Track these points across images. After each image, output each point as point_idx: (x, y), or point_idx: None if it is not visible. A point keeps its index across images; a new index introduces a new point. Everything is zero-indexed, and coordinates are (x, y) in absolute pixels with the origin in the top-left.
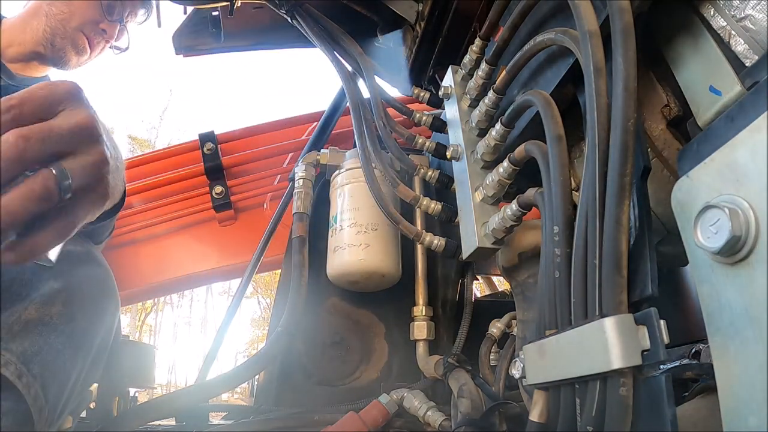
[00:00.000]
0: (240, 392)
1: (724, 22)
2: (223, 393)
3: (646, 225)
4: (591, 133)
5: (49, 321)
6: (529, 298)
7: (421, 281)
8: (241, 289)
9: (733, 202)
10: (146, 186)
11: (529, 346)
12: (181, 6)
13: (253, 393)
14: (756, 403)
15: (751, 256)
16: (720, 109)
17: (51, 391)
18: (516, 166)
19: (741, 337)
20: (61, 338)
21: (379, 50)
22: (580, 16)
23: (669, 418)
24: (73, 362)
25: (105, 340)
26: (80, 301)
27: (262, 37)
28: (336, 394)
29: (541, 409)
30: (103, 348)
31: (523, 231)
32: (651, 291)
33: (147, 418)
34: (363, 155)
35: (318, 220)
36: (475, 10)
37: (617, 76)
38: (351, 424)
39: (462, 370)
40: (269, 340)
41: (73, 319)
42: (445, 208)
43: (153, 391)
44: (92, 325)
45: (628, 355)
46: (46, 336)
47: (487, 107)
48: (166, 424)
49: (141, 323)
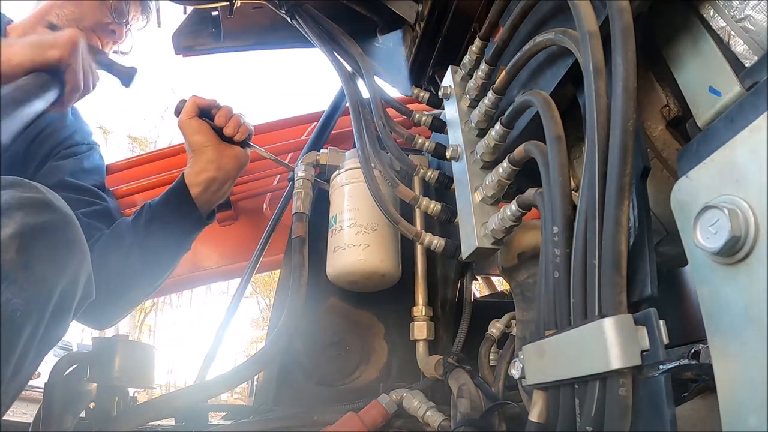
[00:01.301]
0: (239, 392)
1: (723, 23)
2: (222, 393)
3: (645, 225)
4: (590, 134)
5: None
6: (528, 299)
7: (421, 281)
8: (240, 289)
9: (733, 202)
10: (146, 186)
11: (529, 346)
12: (181, 6)
13: (252, 393)
14: (756, 403)
15: (751, 257)
16: (719, 110)
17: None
18: (515, 167)
19: (741, 337)
20: (12, 287)
21: (378, 50)
22: (579, 16)
23: (668, 418)
24: (27, 313)
25: (69, 291)
26: (36, 249)
27: (262, 37)
28: (335, 394)
29: (541, 409)
30: (66, 300)
31: (522, 231)
32: (650, 291)
33: (146, 418)
34: (362, 155)
35: (318, 220)
36: (474, 11)
37: (617, 76)
38: (350, 424)
39: (462, 370)
40: (269, 340)
41: (27, 267)
42: (444, 208)
43: (152, 391)
44: (51, 275)
45: (628, 356)
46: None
47: (487, 107)
48: (165, 424)
49: (140, 323)
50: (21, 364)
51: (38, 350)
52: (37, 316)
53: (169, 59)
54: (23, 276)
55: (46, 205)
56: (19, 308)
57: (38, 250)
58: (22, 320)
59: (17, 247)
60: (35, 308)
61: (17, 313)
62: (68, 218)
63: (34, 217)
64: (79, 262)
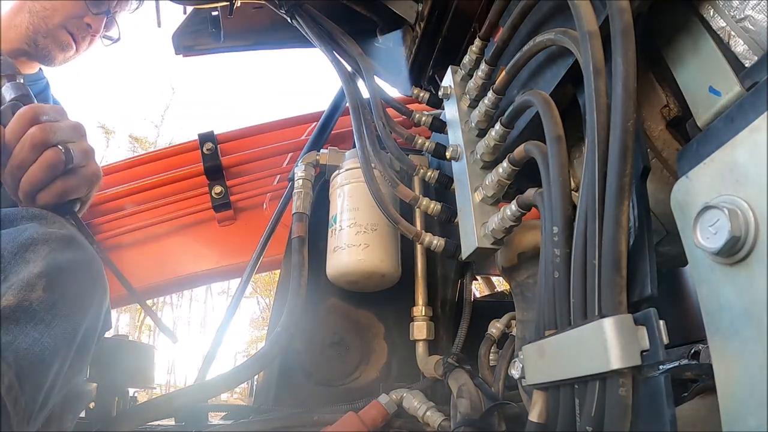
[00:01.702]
0: (239, 392)
1: (723, 23)
2: (222, 393)
3: (645, 225)
4: (590, 134)
5: (29, 307)
6: (528, 299)
7: (421, 281)
8: (240, 289)
9: (733, 202)
10: (146, 186)
11: (529, 346)
12: (181, 6)
13: (252, 393)
14: (755, 403)
15: (751, 257)
16: (719, 110)
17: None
18: (515, 167)
19: (740, 337)
20: (40, 326)
21: (378, 50)
22: (579, 16)
23: (668, 418)
24: (54, 351)
25: (91, 328)
26: (62, 287)
27: (262, 37)
28: (335, 394)
29: (541, 409)
30: (89, 337)
31: (522, 231)
32: (650, 291)
33: (146, 418)
34: (362, 155)
35: (318, 220)
36: (474, 11)
37: (617, 76)
38: (350, 425)
39: (461, 371)
40: (269, 340)
41: (55, 306)
42: (444, 208)
43: (152, 391)
44: (76, 312)
45: (628, 356)
46: (24, 323)
47: (487, 107)
48: (165, 424)
49: (140, 323)
50: (48, 398)
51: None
52: (64, 353)
53: (170, 59)
54: (51, 314)
55: (71, 242)
56: (48, 347)
57: (65, 288)
58: (51, 358)
59: (45, 286)
60: (62, 346)
61: (46, 352)
62: (91, 255)
63: (59, 253)
64: (101, 298)
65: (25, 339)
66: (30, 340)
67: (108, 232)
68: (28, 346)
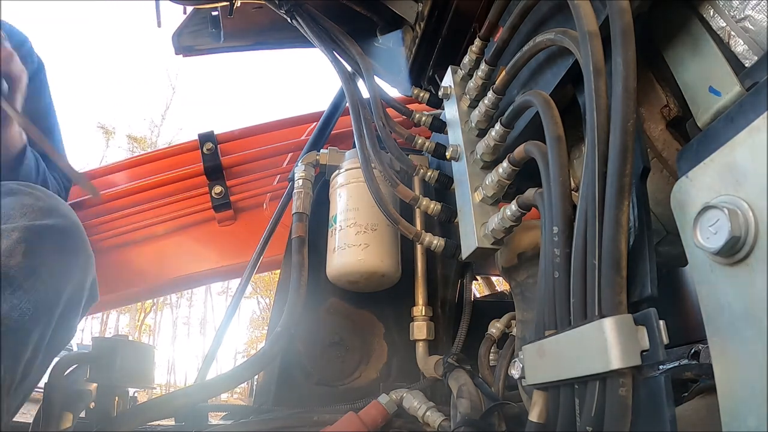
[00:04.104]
0: (239, 392)
1: (723, 23)
2: (222, 393)
3: (645, 225)
4: (590, 134)
5: (7, 272)
6: (528, 299)
7: (421, 281)
8: (240, 289)
9: (733, 202)
10: (145, 186)
11: (529, 346)
12: (181, 6)
13: (252, 393)
14: (755, 403)
15: (751, 257)
16: (719, 110)
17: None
18: (515, 167)
19: (740, 337)
20: (18, 292)
21: (378, 50)
22: (579, 16)
23: (668, 418)
24: (35, 318)
25: (75, 297)
26: (42, 253)
27: (262, 37)
28: (335, 395)
29: (541, 409)
30: (73, 306)
31: (522, 231)
32: (650, 291)
33: (146, 418)
34: (362, 155)
35: (318, 220)
36: (474, 11)
37: (617, 76)
38: (350, 425)
39: (461, 371)
40: (269, 340)
41: (35, 272)
42: (444, 208)
43: (152, 391)
44: (58, 279)
45: (628, 356)
46: (3, 290)
47: (487, 107)
48: (165, 424)
49: (140, 323)
50: (29, 368)
51: (46, 354)
52: (45, 320)
53: (170, 59)
54: (31, 281)
55: (49, 211)
56: (28, 312)
57: (44, 254)
58: (31, 324)
59: (23, 251)
60: (43, 312)
61: (26, 317)
62: (72, 223)
63: (39, 221)
64: (85, 266)
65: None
66: (8, 306)
67: (108, 232)
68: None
